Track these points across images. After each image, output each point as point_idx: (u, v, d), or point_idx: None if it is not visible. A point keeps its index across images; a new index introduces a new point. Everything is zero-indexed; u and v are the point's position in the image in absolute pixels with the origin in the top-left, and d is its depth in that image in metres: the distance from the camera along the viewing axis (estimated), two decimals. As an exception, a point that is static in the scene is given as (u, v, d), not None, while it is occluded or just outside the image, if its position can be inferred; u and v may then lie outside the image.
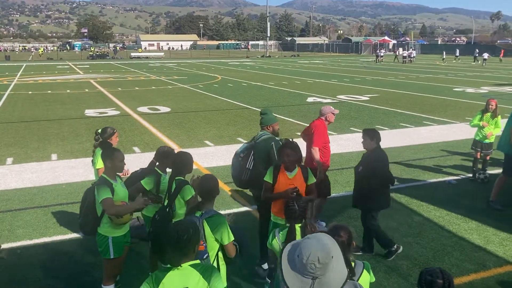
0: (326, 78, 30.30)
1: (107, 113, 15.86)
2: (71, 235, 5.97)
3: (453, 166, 9.17)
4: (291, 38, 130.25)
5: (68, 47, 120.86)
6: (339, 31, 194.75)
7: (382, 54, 55.43)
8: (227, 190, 7.61)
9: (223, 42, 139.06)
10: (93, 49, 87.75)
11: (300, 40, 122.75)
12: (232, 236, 3.32)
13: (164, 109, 16.73)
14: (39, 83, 27.32)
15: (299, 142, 4.84)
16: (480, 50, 56.34)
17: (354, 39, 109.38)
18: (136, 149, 10.61)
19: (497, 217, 6.47)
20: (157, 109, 16.70)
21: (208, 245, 3.27)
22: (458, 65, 46.05)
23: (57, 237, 5.93)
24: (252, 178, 4.97)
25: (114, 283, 4.27)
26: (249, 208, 6.86)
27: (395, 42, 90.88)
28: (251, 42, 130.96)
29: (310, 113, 15.40)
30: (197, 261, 2.74)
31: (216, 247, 3.33)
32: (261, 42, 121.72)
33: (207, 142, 11.31)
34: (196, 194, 3.86)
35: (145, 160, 6.22)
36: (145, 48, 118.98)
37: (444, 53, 54.51)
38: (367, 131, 5.24)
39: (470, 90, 22.59)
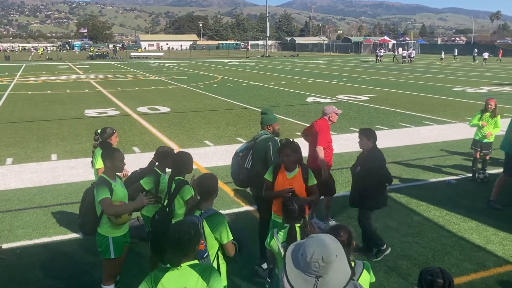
0: (326, 78, 30.30)
1: (107, 113, 15.86)
2: (71, 235, 5.97)
3: (453, 166, 9.17)
4: (291, 38, 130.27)
5: (68, 47, 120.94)
6: (339, 31, 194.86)
7: (382, 54, 55.44)
8: (227, 190, 7.61)
9: (223, 42, 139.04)
10: (93, 49, 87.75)
11: (300, 40, 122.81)
12: (231, 235, 3.32)
13: (164, 109, 16.73)
14: (39, 83, 27.31)
15: (300, 142, 4.85)
16: (479, 50, 56.38)
17: (354, 39, 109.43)
18: (136, 149, 10.61)
19: (497, 217, 6.47)
20: (157, 109, 16.70)
21: (208, 244, 3.27)
22: (458, 65, 46.06)
23: (57, 237, 5.93)
24: (250, 178, 4.99)
25: (114, 283, 4.28)
26: (249, 208, 6.87)
27: (395, 42, 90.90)
28: (251, 42, 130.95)
29: (310, 113, 15.41)
30: (196, 261, 2.74)
31: (216, 246, 3.32)
32: (261, 42, 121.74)
33: (207, 142, 11.32)
34: (196, 194, 3.86)
35: (145, 160, 6.22)
36: (145, 48, 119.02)
37: (443, 53, 54.07)
38: (364, 131, 5.24)
39: (470, 90, 22.60)
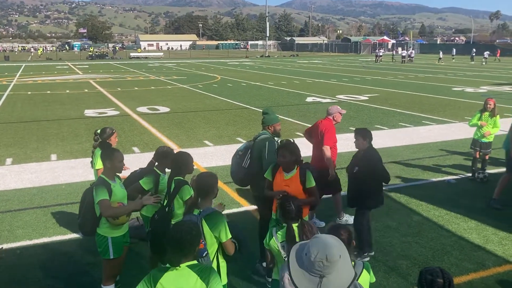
0: (325, 78, 30.30)
1: (107, 113, 15.85)
2: (71, 236, 5.97)
3: (452, 166, 9.17)
4: (290, 38, 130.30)
5: (67, 47, 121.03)
6: (338, 31, 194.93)
7: (381, 54, 55.42)
8: (227, 190, 7.61)
9: (222, 42, 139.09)
10: (92, 49, 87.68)
11: (299, 40, 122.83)
12: (230, 234, 3.31)
13: (164, 109, 16.73)
14: (39, 84, 27.30)
15: (300, 142, 4.84)
16: (478, 50, 56.36)
17: (353, 39, 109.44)
18: (136, 149, 10.61)
19: (497, 217, 6.47)
20: (157, 109, 16.70)
21: (207, 243, 3.27)
22: (457, 65, 46.06)
23: (57, 238, 5.93)
24: (248, 177, 5.02)
25: (114, 283, 4.28)
26: (249, 208, 6.87)
27: (394, 42, 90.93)
28: (250, 42, 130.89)
29: (309, 113, 15.42)
30: (195, 262, 2.74)
31: (216, 245, 3.33)
32: (260, 42, 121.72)
33: (207, 142, 11.32)
34: (196, 194, 3.86)
35: (145, 160, 6.22)
36: (144, 48, 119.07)
37: (441, 53, 53.44)
38: (360, 131, 5.24)
39: (469, 90, 22.60)
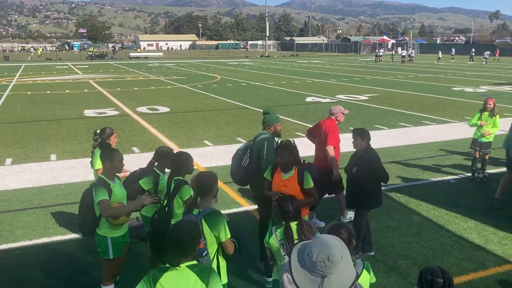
0: (325, 78, 30.30)
1: (106, 113, 15.85)
2: (71, 236, 5.97)
3: (452, 166, 9.17)
4: (290, 38, 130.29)
5: (67, 47, 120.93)
6: (338, 31, 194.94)
7: (381, 54, 55.41)
8: (227, 190, 7.61)
9: (222, 42, 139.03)
10: (92, 49, 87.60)
11: (299, 40, 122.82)
12: (229, 233, 3.32)
13: (163, 109, 16.73)
14: (38, 84, 27.29)
15: (300, 142, 4.84)
16: (477, 50, 56.32)
17: (353, 39, 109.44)
18: (135, 149, 10.60)
19: (496, 216, 6.48)
20: (156, 109, 16.70)
21: (207, 242, 3.27)
22: (457, 65, 46.08)
23: (57, 238, 5.93)
24: (247, 176, 5.02)
25: (114, 283, 4.28)
26: (249, 208, 6.87)
27: (394, 42, 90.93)
28: (250, 42, 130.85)
29: (309, 113, 15.42)
30: (195, 262, 2.74)
31: (216, 244, 3.33)
32: (260, 42, 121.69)
33: (206, 142, 11.31)
34: (195, 193, 3.85)
35: (144, 160, 6.22)
36: (144, 48, 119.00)
37: (440, 53, 53.21)
38: (357, 131, 5.23)
39: (469, 90, 22.60)
